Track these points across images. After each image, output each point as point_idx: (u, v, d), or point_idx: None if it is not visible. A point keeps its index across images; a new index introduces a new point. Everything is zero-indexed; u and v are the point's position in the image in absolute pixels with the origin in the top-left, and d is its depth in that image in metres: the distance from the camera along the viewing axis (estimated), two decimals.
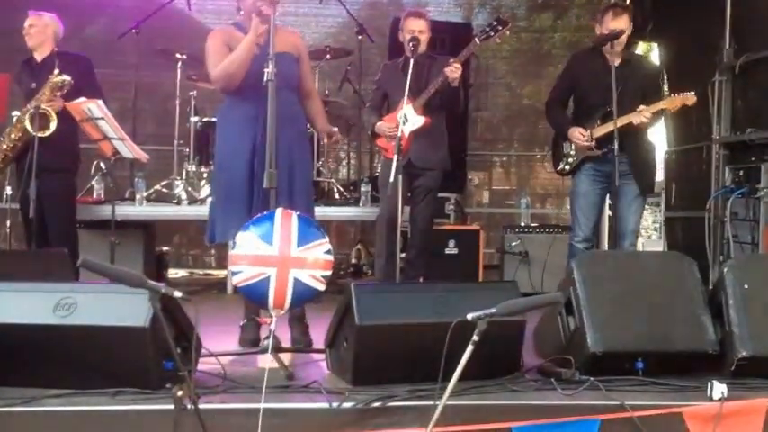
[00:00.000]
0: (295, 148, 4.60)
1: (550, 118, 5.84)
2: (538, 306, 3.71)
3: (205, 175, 7.16)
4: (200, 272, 8.60)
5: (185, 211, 7.00)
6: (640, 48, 8.63)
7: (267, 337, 4.24)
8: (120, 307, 3.53)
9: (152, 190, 7.13)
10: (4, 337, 3.50)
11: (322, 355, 4.23)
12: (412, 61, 5.40)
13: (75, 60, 5.89)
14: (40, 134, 5.53)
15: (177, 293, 3.21)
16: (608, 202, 5.92)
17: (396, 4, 9.16)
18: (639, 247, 8.30)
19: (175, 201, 7.01)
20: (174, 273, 8.22)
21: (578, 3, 9.45)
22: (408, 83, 5.29)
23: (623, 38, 5.40)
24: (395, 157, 5.24)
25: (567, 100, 5.81)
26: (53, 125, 5.60)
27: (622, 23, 5.42)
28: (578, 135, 5.50)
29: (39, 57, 5.95)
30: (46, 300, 3.61)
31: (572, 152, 5.59)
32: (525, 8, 9.46)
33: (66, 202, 6.06)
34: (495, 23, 5.41)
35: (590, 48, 5.69)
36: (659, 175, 8.28)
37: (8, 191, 6.28)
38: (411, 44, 5.62)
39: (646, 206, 5.79)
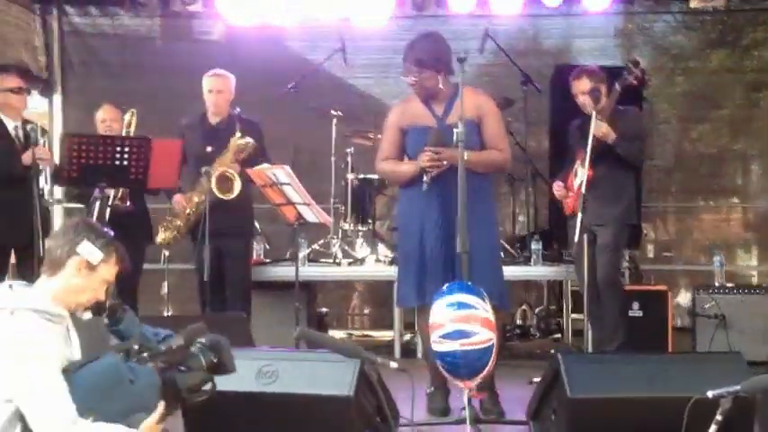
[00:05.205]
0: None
1: None
2: None
3: (361, 234, 7.07)
4: (357, 333, 8.45)
5: (346, 271, 6.98)
6: None
7: (463, 408, 4.07)
8: (321, 375, 3.51)
9: (309, 249, 7.06)
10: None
11: (520, 427, 4.03)
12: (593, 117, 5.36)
13: (248, 124, 5.80)
14: (227, 197, 5.56)
15: (393, 365, 3.13)
16: None
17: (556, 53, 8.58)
18: None
19: (335, 260, 6.95)
20: (334, 334, 8.08)
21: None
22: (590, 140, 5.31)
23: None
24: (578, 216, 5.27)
25: None
26: (237, 187, 5.61)
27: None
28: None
29: (213, 119, 5.97)
30: (248, 367, 3.58)
31: None
32: (694, 48, 8.63)
33: (246, 264, 6.09)
34: (630, 65, 5.49)
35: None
36: None
37: (165, 252, 6.30)
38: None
39: None
